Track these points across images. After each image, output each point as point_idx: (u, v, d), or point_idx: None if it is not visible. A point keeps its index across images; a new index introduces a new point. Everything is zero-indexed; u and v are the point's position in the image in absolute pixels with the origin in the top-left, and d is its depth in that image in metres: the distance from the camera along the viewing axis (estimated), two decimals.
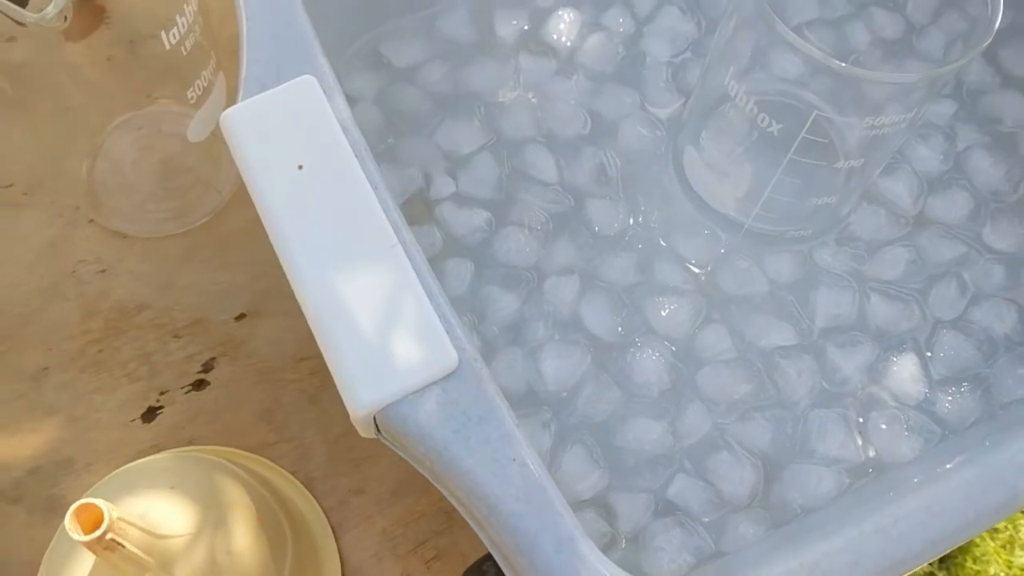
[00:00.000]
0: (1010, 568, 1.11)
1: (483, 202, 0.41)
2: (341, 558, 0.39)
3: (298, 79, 0.31)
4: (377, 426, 0.28)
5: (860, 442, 0.38)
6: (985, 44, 0.32)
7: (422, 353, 0.28)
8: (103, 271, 0.43)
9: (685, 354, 0.39)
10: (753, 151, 0.37)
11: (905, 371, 0.39)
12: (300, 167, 0.30)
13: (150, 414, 0.41)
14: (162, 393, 0.41)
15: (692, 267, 0.40)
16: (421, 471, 0.29)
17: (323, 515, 0.40)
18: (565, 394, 0.38)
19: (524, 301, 0.39)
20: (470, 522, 0.28)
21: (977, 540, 1.13)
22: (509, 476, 0.27)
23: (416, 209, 0.41)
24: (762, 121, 0.34)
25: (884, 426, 0.38)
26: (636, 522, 0.36)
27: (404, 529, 0.40)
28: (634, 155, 0.43)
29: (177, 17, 0.35)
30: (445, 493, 0.28)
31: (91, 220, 0.44)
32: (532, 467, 0.27)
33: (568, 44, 0.45)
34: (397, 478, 0.40)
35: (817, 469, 0.37)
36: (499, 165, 0.42)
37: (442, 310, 0.29)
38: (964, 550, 1.12)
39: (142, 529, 0.29)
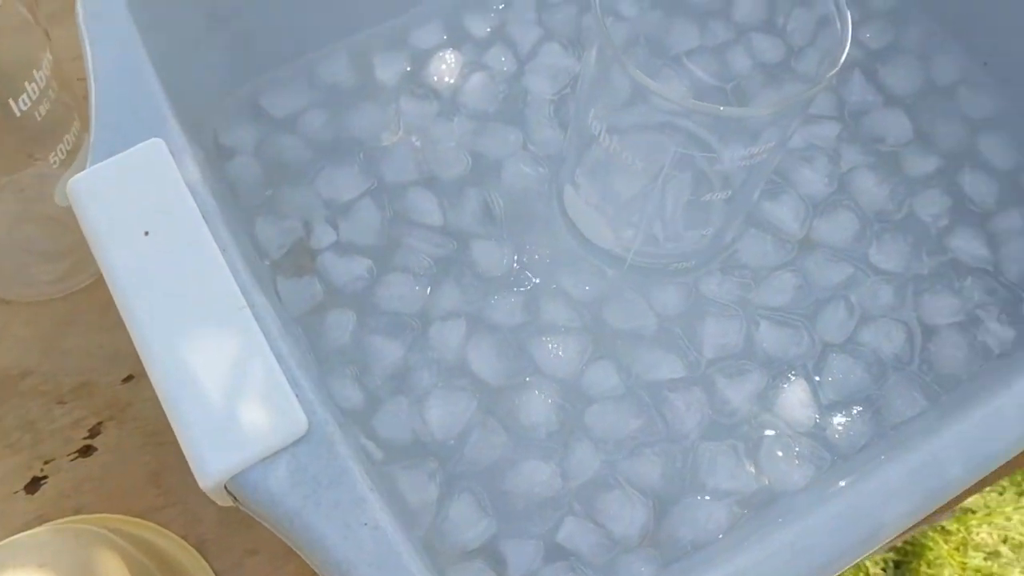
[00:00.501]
0: (964, 570, 1.12)
1: (365, 249, 0.41)
2: None
3: (146, 143, 0.31)
4: (232, 495, 0.28)
5: (754, 471, 0.38)
6: (835, 70, 0.32)
7: (271, 418, 0.27)
8: None
9: (573, 393, 0.39)
10: (624, 188, 0.37)
11: (795, 398, 0.39)
12: (147, 233, 0.30)
13: (34, 484, 0.40)
14: (47, 462, 0.40)
15: (578, 304, 0.40)
16: (281, 538, 0.28)
17: None
18: (452, 442, 0.37)
19: (409, 348, 0.39)
20: None
21: (930, 544, 1.14)
22: (361, 541, 0.26)
23: (297, 260, 0.40)
24: (627, 159, 0.34)
25: (780, 453, 0.38)
26: (526, 569, 0.35)
27: None
28: (518, 194, 0.42)
29: (26, 84, 0.34)
30: (306, 560, 0.28)
31: None
32: (387, 531, 0.26)
33: (450, 84, 0.45)
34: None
35: (707, 503, 0.37)
36: (381, 211, 0.41)
37: (292, 373, 0.28)
38: (918, 555, 1.13)
39: None
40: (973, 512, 1.14)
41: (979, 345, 0.40)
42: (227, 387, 0.27)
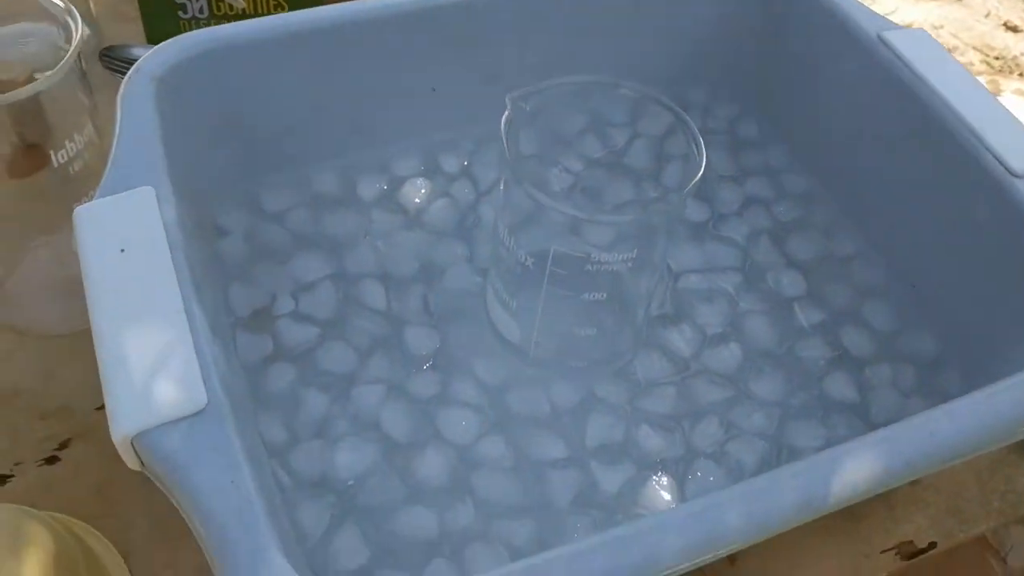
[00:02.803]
0: None
1: (317, 321, 0.48)
2: None
3: (140, 188, 0.40)
4: (141, 460, 0.34)
5: None
6: (692, 185, 0.40)
7: (178, 394, 0.34)
8: None
9: (465, 458, 0.44)
10: (521, 285, 0.44)
11: (658, 489, 0.44)
12: (122, 250, 0.38)
13: (2, 480, 0.47)
14: (17, 464, 0.47)
15: (485, 387, 0.47)
16: (169, 498, 0.34)
17: None
18: (352, 482, 0.43)
19: (332, 402, 0.45)
20: (198, 539, 0.33)
21: None
22: (227, 495, 0.32)
23: (259, 321, 0.48)
24: (521, 257, 0.42)
25: None
26: None
27: None
28: (454, 295, 0.50)
29: (66, 142, 0.44)
30: (184, 514, 0.33)
31: None
32: (249, 490, 0.32)
33: (417, 204, 0.54)
34: (203, 559, 0.45)
35: None
36: (337, 293, 0.49)
37: (206, 363, 0.35)
38: None
39: None
40: None
41: None
42: (150, 366, 0.35)
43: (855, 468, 0.35)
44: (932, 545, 0.49)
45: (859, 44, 0.52)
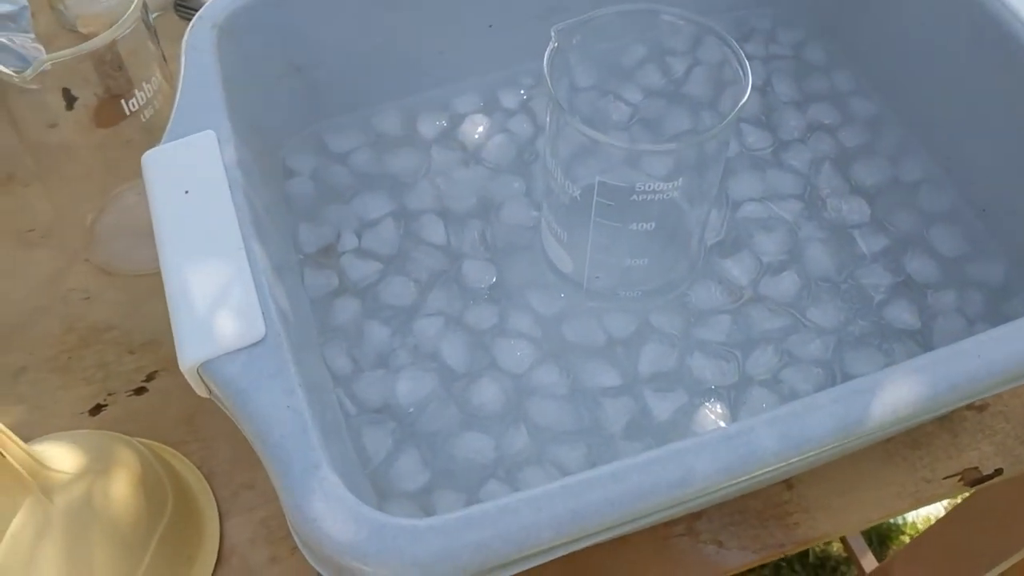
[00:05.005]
0: None
1: (379, 256, 0.50)
2: (222, 536, 0.46)
3: (203, 132, 0.42)
4: (204, 381, 0.37)
5: None
6: (734, 114, 0.40)
7: (239, 326, 0.36)
8: (87, 298, 0.54)
9: (521, 386, 0.46)
10: (571, 218, 0.45)
11: (710, 416, 0.44)
12: (186, 192, 0.40)
13: (96, 410, 0.50)
14: (109, 394, 0.51)
15: (541, 318, 0.48)
16: (234, 421, 0.37)
17: (214, 500, 0.47)
18: (412, 409, 0.45)
19: (394, 334, 0.47)
20: (260, 458, 0.35)
21: None
22: (283, 418, 0.34)
23: (325, 257, 0.50)
24: (569, 188, 0.43)
25: None
26: None
27: (279, 521, 0.47)
28: (511, 229, 0.51)
29: (136, 91, 0.46)
30: (245, 435, 0.36)
31: (86, 259, 0.56)
32: (302, 413, 0.34)
33: (476, 140, 0.54)
34: None
35: None
36: (398, 229, 0.51)
37: (264, 297, 0.37)
38: None
39: (27, 452, 0.38)
40: None
41: None
42: (213, 300, 0.37)
43: (897, 392, 0.35)
44: (998, 472, 0.48)
45: None
